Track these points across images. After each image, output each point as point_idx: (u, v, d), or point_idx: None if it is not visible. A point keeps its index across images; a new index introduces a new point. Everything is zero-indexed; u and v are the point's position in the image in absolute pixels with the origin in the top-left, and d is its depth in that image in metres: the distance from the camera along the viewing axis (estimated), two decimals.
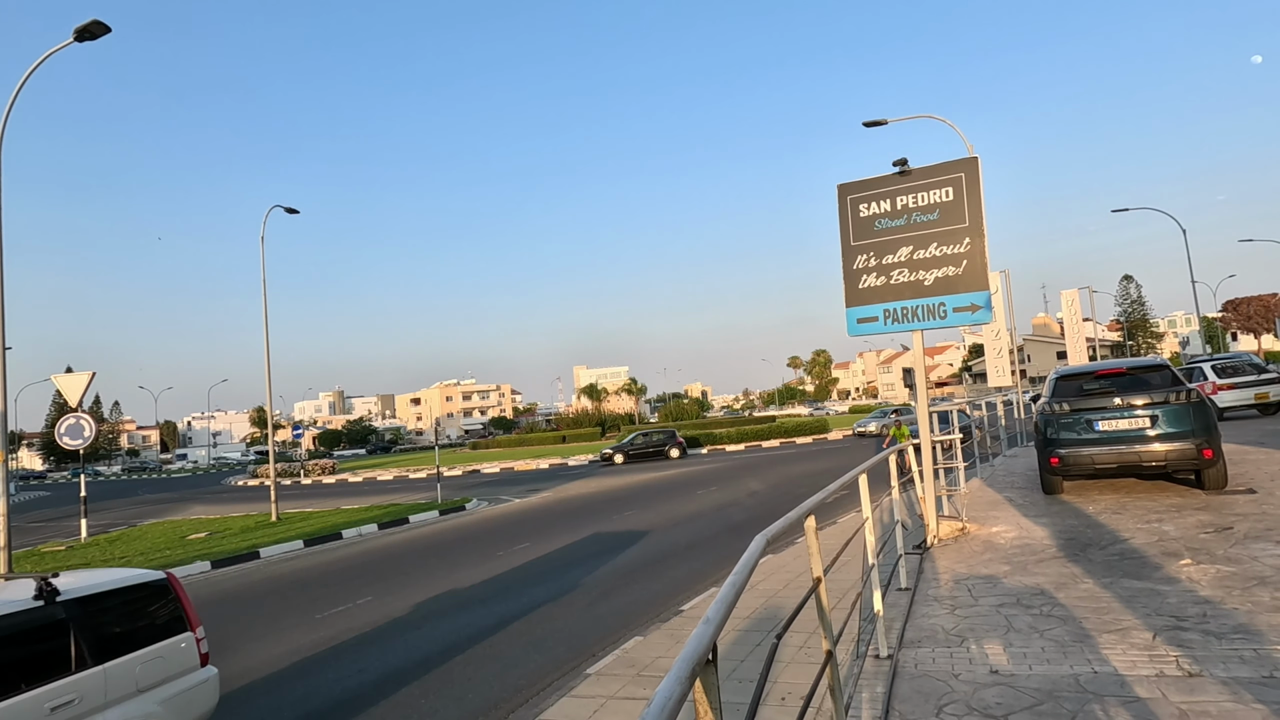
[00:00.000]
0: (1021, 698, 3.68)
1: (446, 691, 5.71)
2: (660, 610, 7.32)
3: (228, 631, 8.25)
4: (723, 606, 1.58)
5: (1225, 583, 5.12)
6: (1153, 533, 6.80)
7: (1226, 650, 3.97)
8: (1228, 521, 6.91)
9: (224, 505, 27.96)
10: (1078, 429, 8.73)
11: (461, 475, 34.35)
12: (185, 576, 12.39)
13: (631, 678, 5.19)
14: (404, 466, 45.31)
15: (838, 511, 11.23)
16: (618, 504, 17.67)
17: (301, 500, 26.88)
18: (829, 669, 2.73)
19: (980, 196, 7.92)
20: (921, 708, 3.71)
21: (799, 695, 4.22)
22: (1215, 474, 8.35)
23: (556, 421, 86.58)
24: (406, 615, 8.26)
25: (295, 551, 14.38)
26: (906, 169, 8.24)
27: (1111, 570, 5.77)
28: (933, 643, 4.64)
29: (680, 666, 1.21)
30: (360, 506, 21.63)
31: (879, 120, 19.10)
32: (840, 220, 8.60)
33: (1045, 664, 4.08)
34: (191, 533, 17.80)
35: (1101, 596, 5.16)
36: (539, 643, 6.77)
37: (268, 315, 21.01)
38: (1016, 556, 6.58)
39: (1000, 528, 7.91)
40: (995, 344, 23.92)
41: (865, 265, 8.39)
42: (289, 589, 10.77)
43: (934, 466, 8.25)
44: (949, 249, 7.98)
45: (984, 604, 5.32)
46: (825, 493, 3.53)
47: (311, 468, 44.60)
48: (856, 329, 8.47)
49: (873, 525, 4.57)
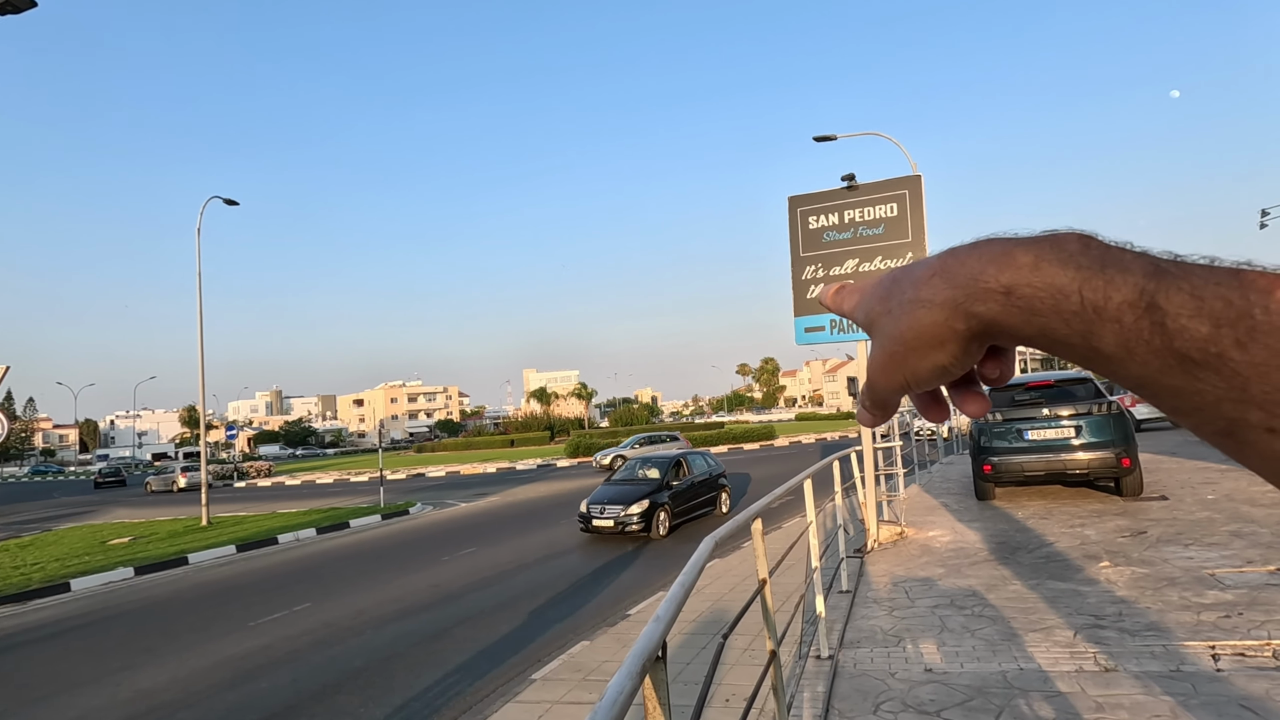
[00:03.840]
0: (953, 694, 3.83)
1: (387, 700, 5.58)
2: (607, 614, 7.32)
3: (152, 640, 7.87)
4: (672, 605, 1.61)
5: (1139, 583, 5.45)
6: (1076, 537, 7.18)
7: (1139, 646, 4.23)
8: (1143, 526, 7.35)
9: (150, 509, 26.59)
10: (1009, 438, 9.15)
11: (406, 479, 33.55)
12: (106, 584, 11.74)
13: (578, 682, 5.18)
14: (345, 469, 43.95)
15: (784, 516, 11.46)
16: (566, 508, 17.57)
17: (234, 504, 25.79)
18: (772, 669, 2.80)
19: (923, 213, 8.23)
20: (860, 705, 3.83)
21: (743, 696, 4.29)
22: (1132, 481, 8.87)
23: (505, 425, 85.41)
24: (347, 622, 8.03)
25: (227, 557, 13.79)
26: (854, 184, 8.50)
27: (1038, 572, 6.06)
28: (872, 643, 4.79)
29: (631, 662, 1.24)
30: (298, 510, 20.87)
31: (829, 135, 19.61)
32: (790, 231, 8.80)
33: (976, 662, 4.26)
34: (113, 537, 16.86)
35: (1028, 597, 5.42)
36: (484, 649, 6.68)
37: (202, 310, 20.16)
38: (951, 560, 6.85)
39: (937, 532, 8.21)
40: None
41: (813, 276, 8.60)
42: (221, 596, 10.32)
43: (875, 473, 8.50)
44: (893, 263, 8.26)
45: (920, 605, 5.52)
46: (771, 497, 3.61)
47: (246, 469, 42.82)
48: (804, 338, 8.68)
49: (817, 529, 4.70)
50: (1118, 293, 0.35)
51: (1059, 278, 0.37)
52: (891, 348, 0.44)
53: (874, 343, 0.46)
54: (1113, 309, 0.35)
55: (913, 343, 0.42)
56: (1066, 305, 0.36)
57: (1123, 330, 0.35)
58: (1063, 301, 0.37)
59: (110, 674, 6.77)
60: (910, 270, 0.44)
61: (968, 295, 0.39)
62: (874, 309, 0.46)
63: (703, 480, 13.80)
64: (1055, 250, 0.38)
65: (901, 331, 0.43)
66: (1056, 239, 0.38)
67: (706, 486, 13.87)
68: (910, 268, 0.44)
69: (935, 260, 0.42)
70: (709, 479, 14.05)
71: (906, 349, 0.43)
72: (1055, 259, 0.37)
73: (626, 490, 12.55)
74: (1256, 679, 3.66)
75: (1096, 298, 0.36)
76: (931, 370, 0.43)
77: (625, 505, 11.89)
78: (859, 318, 0.48)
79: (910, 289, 0.43)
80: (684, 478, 13.29)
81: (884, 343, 0.44)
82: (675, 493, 12.70)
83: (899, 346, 0.43)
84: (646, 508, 11.87)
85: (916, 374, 0.43)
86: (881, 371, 0.45)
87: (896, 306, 0.43)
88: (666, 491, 12.53)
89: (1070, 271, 0.37)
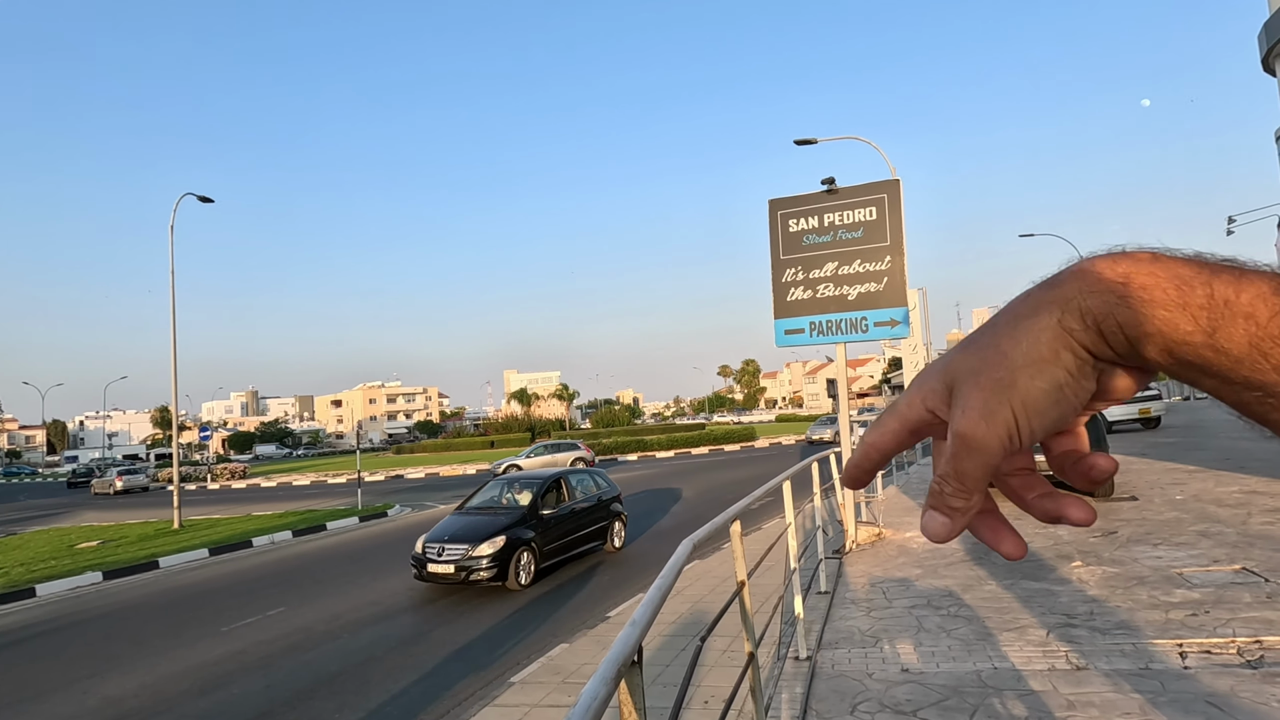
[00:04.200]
0: (929, 694, 3.87)
1: (363, 705, 5.51)
2: (586, 617, 7.30)
3: (121, 647, 7.70)
4: (648, 609, 1.61)
5: (1110, 583, 5.55)
6: (1049, 537, 7.30)
7: (1109, 645, 4.31)
8: (1113, 526, 7.50)
9: (119, 512, 26.03)
10: None
11: (384, 480, 33.19)
12: (73, 589, 11.47)
13: (556, 685, 5.15)
14: (322, 471, 43.34)
15: (763, 517, 11.51)
16: None
17: (208, 506, 25.32)
18: (751, 671, 2.80)
19: (901, 217, 8.32)
20: (837, 706, 3.86)
21: (722, 698, 4.30)
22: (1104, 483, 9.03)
23: (485, 426, 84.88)
24: (322, 626, 7.91)
25: (200, 560, 13.53)
26: (834, 188, 8.57)
27: (1012, 572, 6.15)
28: (849, 644, 4.83)
29: (606, 667, 1.23)
30: (274, 513, 20.54)
31: (809, 139, 19.77)
32: (771, 234, 8.85)
33: (952, 661, 4.31)
34: (81, 541, 16.48)
35: (1003, 597, 5.49)
36: (462, 652, 6.62)
37: (175, 308, 19.79)
38: (928, 560, 6.92)
39: (914, 533, 8.30)
40: (913, 358, 25.11)
41: (793, 279, 8.66)
42: (193, 600, 10.12)
43: None
44: (871, 266, 8.34)
45: (897, 606, 5.57)
46: (750, 499, 3.62)
47: (220, 471, 42.06)
48: (784, 340, 8.73)
49: (795, 531, 4.72)
50: (1251, 286, 0.32)
51: (1183, 269, 0.34)
52: (994, 374, 0.36)
53: (959, 397, 0.38)
54: (1245, 303, 0.32)
55: (1021, 358, 0.36)
56: (1193, 297, 0.33)
57: (1256, 329, 0.32)
58: (1189, 293, 0.33)
59: (78, 681, 6.61)
60: (994, 316, 0.39)
61: (1080, 289, 0.36)
62: (953, 362, 0.39)
63: (588, 507, 10.85)
64: (1170, 250, 0.36)
65: (1006, 348, 0.36)
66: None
67: (593, 515, 10.92)
68: (994, 317, 0.39)
69: (1031, 288, 0.38)
70: (597, 505, 11.09)
71: (1013, 369, 0.36)
72: (1173, 255, 0.35)
73: (480, 522, 9.47)
74: (1221, 676, 3.74)
75: (1227, 291, 0.32)
76: (1047, 392, 0.36)
77: (473, 543, 8.92)
78: (935, 386, 0.40)
79: (1004, 316, 0.38)
80: (562, 504, 10.39)
81: (978, 379, 0.37)
82: (547, 524, 9.76)
83: (1002, 370, 0.36)
84: (502, 546, 8.89)
85: (1029, 400, 0.36)
86: (981, 417, 0.36)
87: (985, 337, 0.38)
88: (533, 523, 9.58)
89: (1194, 265, 0.34)
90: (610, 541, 11.22)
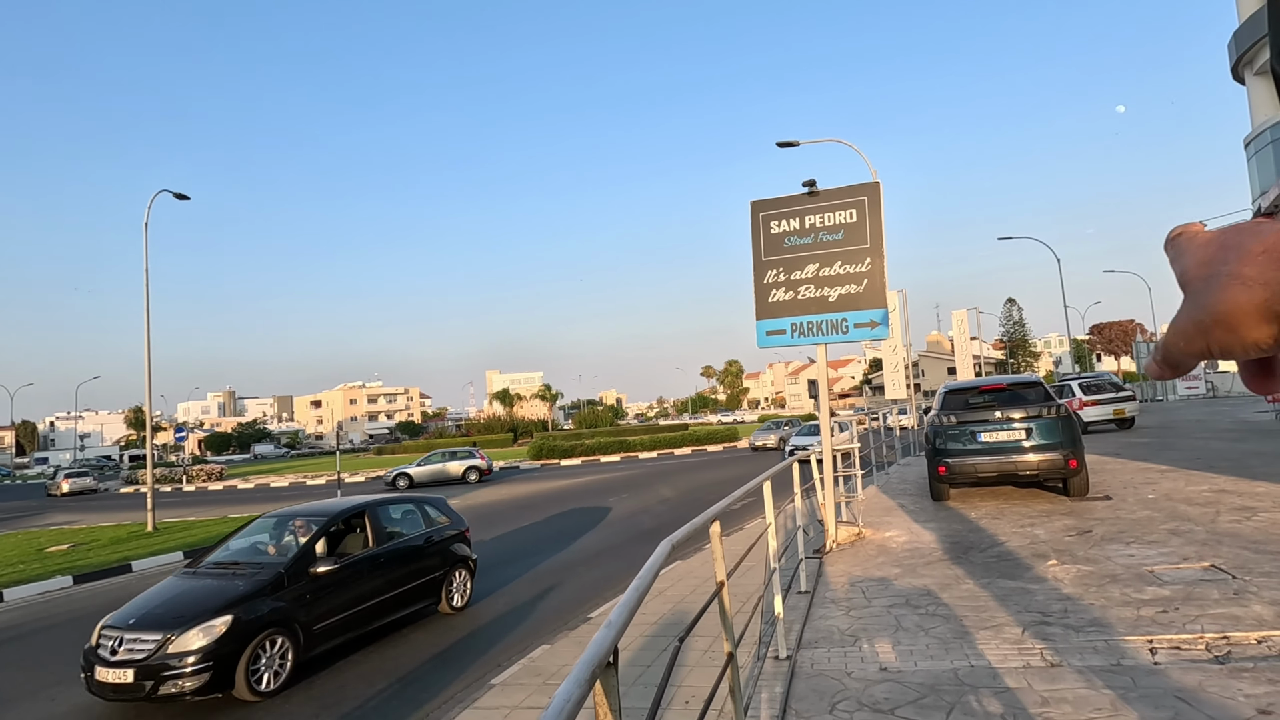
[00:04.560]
0: (907, 692, 3.91)
1: (340, 709, 5.44)
2: (568, 618, 7.27)
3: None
4: (625, 610, 1.60)
5: (1084, 581, 5.64)
6: (1026, 536, 7.40)
7: (1083, 642, 4.38)
8: (1088, 525, 7.62)
9: (91, 514, 25.51)
10: (963, 440, 9.38)
11: (365, 481, 32.85)
12: (42, 593, 11.21)
13: (537, 687, 5.13)
14: (301, 472, 42.82)
15: (744, 517, 11.55)
16: (527, 510, 17.44)
17: (183, 508, 24.90)
18: (730, 671, 2.81)
19: (881, 219, 8.39)
20: (816, 705, 3.88)
21: (701, 698, 4.30)
22: (1079, 482, 9.19)
23: (467, 427, 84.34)
24: None
25: (174, 564, 13.28)
26: (815, 190, 8.62)
27: (989, 571, 6.23)
28: (829, 643, 4.86)
29: (580, 669, 1.22)
30: (250, 515, 20.25)
31: (791, 141, 19.88)
32: (753, 235, 8.88)
33: (929, 660, 4.35)
34: (51, 544, 16.12)
35: (980, 596, 5.56)
36: (440, 654, 6.57)
37: (150, 307, 19.42)
38: (907, 560, 6.99)
39: (893, 532, 8.38)
40: (893, 359, 25.39)
41: (775, 280, 8.70)
42: None
43: (834, 475, 8.64)
44: (851, 268, 8.40)
45: (876, 605, 5.62)
46: (730, 499, 3.63)
47: (196, 473, 41.38)
48: (766, 341, 8.76)
49: (775, 531, 4.74)
50: None
51: None
52: (1199, 317, 0.41)
53: (1184, 304, 0.43)
54: None
55: (1223, 320, 0.39)
56: None
57: None
58: None
59: (45, 688, 6.46)
60: (1240, 237, 0.41)
61: None
62: (1191, 271, 0.43)
63: (406, 552, 7.59)
64: None
65: (1213, 305, 0.40)
66: None
67: (416, 563, 7.66)
68: (1241, 234, 0.41)
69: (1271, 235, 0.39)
70: (424, 548, 7.86)
71: (1214, 323, 0.40)
72: None
73: (202, 590, 6.16)
74: (1190, 671, 3.82)
75: None
76: (1243, 348, 0.40)
77: (174, 629, 5.61)
78: (1176, 270, 0.45)
79: (1235, 260, 0.40)
80: (360, 550, 7.18)
81: (1192, 311, 0.41)
82: (322, 587, 6.46)
83: (1207, 318, 0.40)
84: (223, 635, 5.61)
85: (1225, 349, 0.41)
86: (1184, 338, 0.42)
87: (1215, 276, 0.40)
88: (297, 587, 6.30)
89: None
90: (446, 599, 7.96)
